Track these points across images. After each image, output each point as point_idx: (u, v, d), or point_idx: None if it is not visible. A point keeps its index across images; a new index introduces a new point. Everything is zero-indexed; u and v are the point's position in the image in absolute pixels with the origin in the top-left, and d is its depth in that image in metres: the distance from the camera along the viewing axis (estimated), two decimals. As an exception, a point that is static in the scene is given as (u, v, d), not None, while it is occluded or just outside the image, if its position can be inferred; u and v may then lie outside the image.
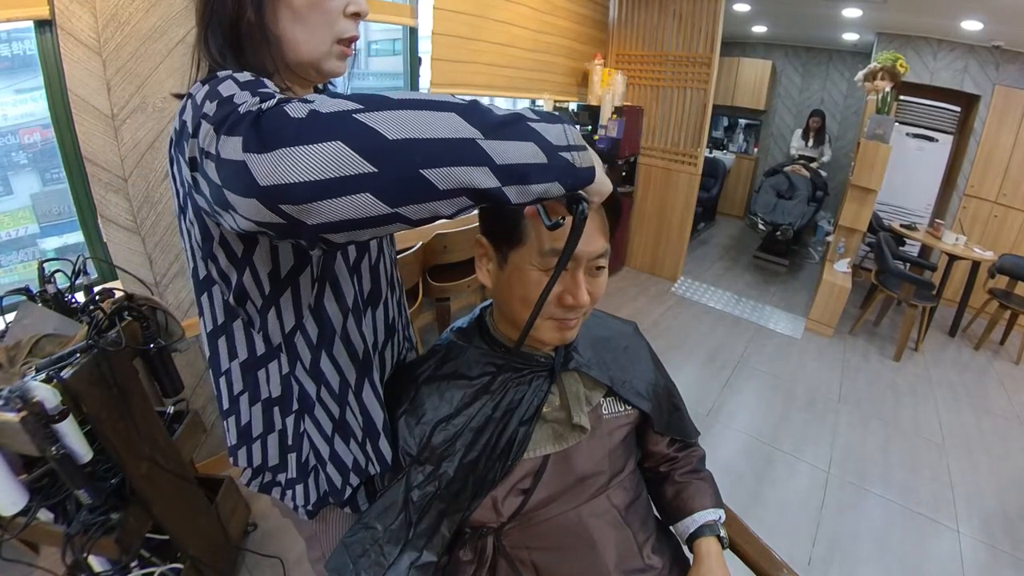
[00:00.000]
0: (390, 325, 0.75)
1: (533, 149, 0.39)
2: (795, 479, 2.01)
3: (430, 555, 0.65)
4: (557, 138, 0.41)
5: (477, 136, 0.36)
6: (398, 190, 0.35)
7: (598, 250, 0.65)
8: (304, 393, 0.65)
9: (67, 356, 0.89)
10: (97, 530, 0.96)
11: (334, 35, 0.58)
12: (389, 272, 0.73)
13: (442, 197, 0.36)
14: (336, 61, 0.60)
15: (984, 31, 3.37)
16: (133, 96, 1.31)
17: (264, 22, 0.55)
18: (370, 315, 0.69)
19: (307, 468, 0.68)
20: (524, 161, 0.38)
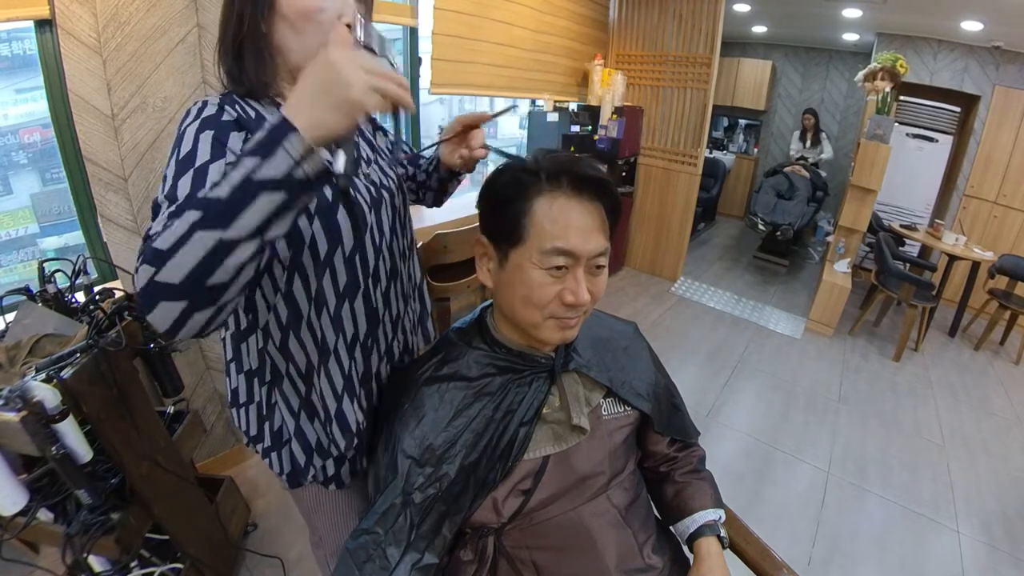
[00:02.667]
0: (375, 317, 0.76)
1: (266, 199, 0.45)
2: (795, 479, 2.01)
3: (432, 556, 0.65)
4: (279, 167, 0.44)
5: (220, 235, 0.44)
6: (207, 299, 0.47)
7: (598, 248, 0.65)
8: (275, 368, 0.72)
9: (67, 356, 0.89)
10: (97, 530, 0.96)
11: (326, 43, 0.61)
12: (373, 265, 0.73)
13: (235, 278, 0.47)
14: None
15: (984, 31, 3.38)
16: (133, 96, 1.31)
17: (264, 34, 0.62)
18: (347, 305, 0.71)
19: (280, 439, 0.75)
20: (265, 214, 0.45)
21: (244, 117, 0.63)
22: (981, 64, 3.70)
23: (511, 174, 0.67)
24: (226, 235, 0.44)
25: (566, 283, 0.64)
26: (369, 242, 0.72)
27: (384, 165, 0.80)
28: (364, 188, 0.72)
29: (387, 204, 0.76)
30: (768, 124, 5.83)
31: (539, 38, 3.03)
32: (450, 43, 2.45)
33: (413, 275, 0.88)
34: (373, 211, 0.72)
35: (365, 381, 0.76)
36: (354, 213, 0.68)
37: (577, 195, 0.65)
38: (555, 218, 0.63)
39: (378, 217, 0.73)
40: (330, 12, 0.62)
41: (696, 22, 3.33)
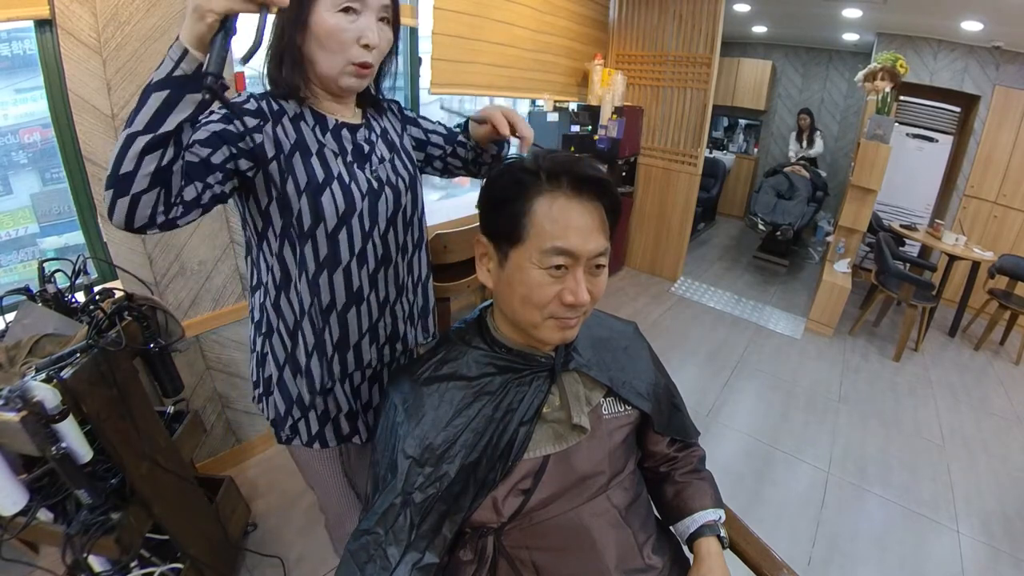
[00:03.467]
0: (355, 293, 0.84)
1: (155, 97, 0.55)
2: (795, 479, 2.01)
3: (432, 556, 0.65)
4: (164, 70, 0.56)
5: (127, 131, 0.55)
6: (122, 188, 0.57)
7: (597, 249, 0.65)
8: (269, 322, 0.85)
9: (67, 356, 0.89)
10: (97, 530, 0.96)
11: (347, 59, 0.73)
12: (359, 247, 0.81)
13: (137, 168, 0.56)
14: (350, 79, 0.76)
15: (984, 31, 3.38)
16: (133, 96, 1.31)
17: (298, 46, 0.73)
18: (326, 276, 0.81)
19: (269, 387, 0.88)
20: (154, 109, 0.55)
21: (268, 109, 0.75)
22: (981, 64, 3.70)
23: (511, 174, 0.67)
24: (131, 130, 0.55)
25: (566, 283, 0.64)
26: (357, 225, 0.80)
27: (399, 165, 0.88)
28: (364, 179, 0.81)
29: (388, 198, 0.84)
30: (768, 124, 5.83)
31: (539, 38, 3.03)
32: (450, 43, 2.45)
33: (416, 269, 0.95)
34: (367, 199, 0.81)
35: (340, 347, 0.86)
36: (343, 197, 0.78)
37: (577, 195, 0.65)
38: (555, 218, 0.63)
39: (372, 206, 0.82)
40: (351, 32, 0.72)
41: (696, 22, 3.33)
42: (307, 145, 0.77)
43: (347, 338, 0.86)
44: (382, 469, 0.71)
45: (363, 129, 0.85)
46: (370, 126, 0.87)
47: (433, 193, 2.97)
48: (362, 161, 0.82)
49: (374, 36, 0.73)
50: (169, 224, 0.62)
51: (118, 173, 0.56)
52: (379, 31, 0.75)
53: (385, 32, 0.77)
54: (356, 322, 0.86)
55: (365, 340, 0.88)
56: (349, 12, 0.71)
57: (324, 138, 0.79)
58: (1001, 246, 3.59)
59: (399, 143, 0.91)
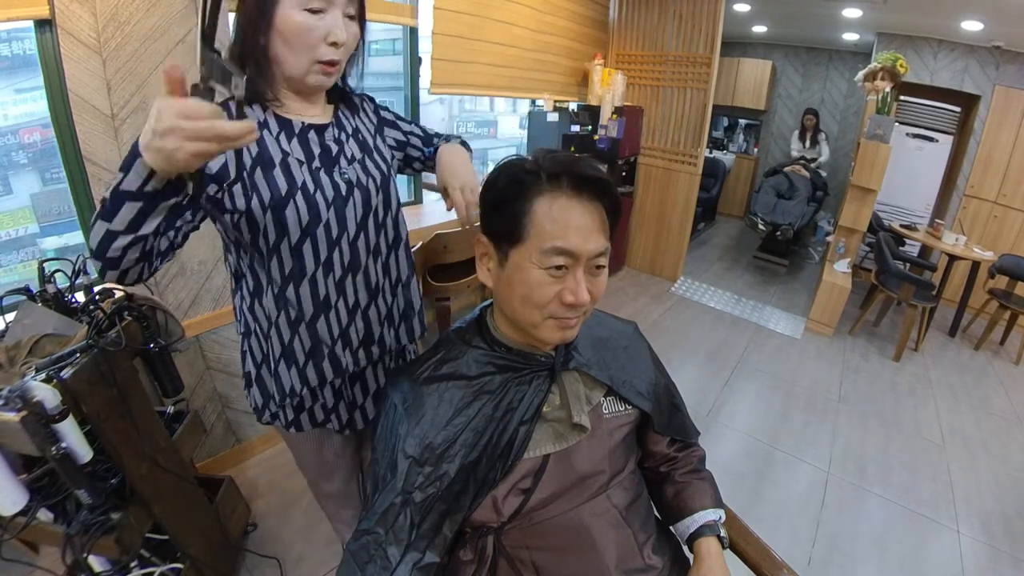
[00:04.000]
0: (322, 301, 0.84)
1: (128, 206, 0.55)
2: (795, 479, 2.01)
3: (432, 556, 0.65)
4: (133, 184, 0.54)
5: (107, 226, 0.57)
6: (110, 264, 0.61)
7: (597, 249, 0.65)
8: (247, 324, 0.88)
9: (67, 356, 0.89)
10: (97, 530, 0.96)
11: (313, 57, 0.72)
12: (325, 256, 0.81)
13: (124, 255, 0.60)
14: (318, 76, 0.75)
15: (984, 31, 3.38)
16: (133, 96, 1.31)
17: (263, 47, 0.72)
18: (291, 290, 0.82)
19: (249, 381, 0.91)
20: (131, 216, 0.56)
21: None
22: (981, 64, 3.70)
23: (511, 174, 0.67)
24: (111, 227, 0.57)
25: (566, 283, 0.64)
26: (323, 235, 0.80)
27: (370, 165, 0.86)
28: (330, 186, 0.79)
29: (357, 202, 0.82)
30: (768, 124, 5.83)
31: (539, 38, 3.03)
32: (450, 43, 2.45)
33: (393, 271, 0.94)
34: (332, 208, 0.79)
35: (314, 355, 0.86)
36: (307, 209, 0.77)
37: (577, 195, 0.65)
38: (555, 218, 0.63)
39: (339, 214, 0.80)
40: (318, 31, 0.71)
41: (696, 22, 3.33)
42: (270, 157, 0.75)
43: (319, 346, 0.86)
44: (382, 469, 0.71)
45: (331, 128, 0.83)
46: (340, 124, 0.85)
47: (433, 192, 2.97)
48: (330, 164, 0.80)
49: (342, 33, 0.72)
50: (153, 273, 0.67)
51: (104, 256, 0.59)
52: (346, 27, 0.73)
53: (352, 28, 0.75)
54: (326, 330, 0.85)
55: (338, 346, 0.87)
56: (315, 12, 0.70)
57: (289, 145, 0.77)
58: (1001, 246, 3.59)
59: (372, 142, 0.89)
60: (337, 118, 0.85)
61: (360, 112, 0.91)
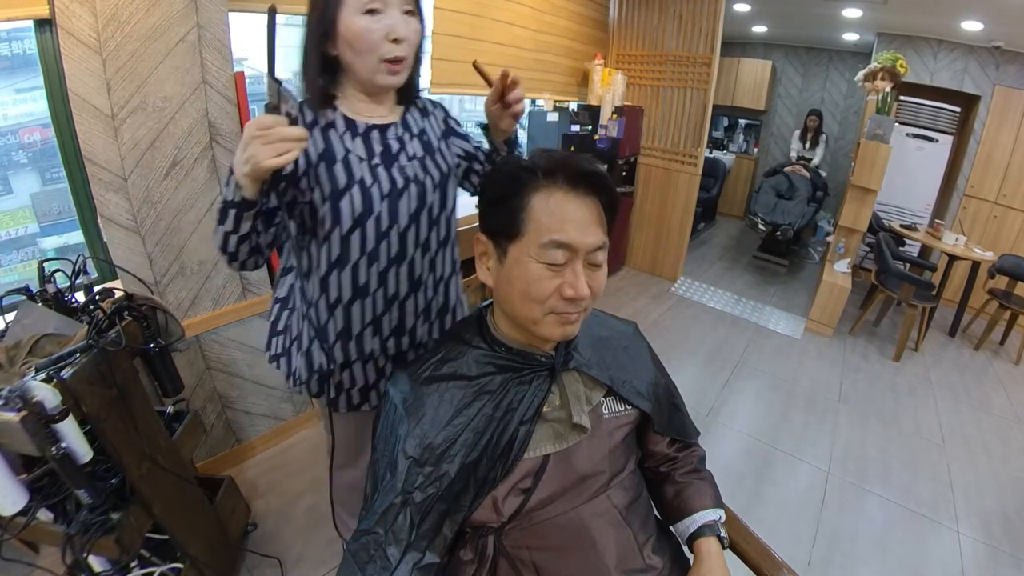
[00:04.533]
0: (360, 288, 0.89)
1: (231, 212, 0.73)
2: (795, 479, 2.01)
3: (432, 556, 0.65)
4: (230, 194, 0.72)
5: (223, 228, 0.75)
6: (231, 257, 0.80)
7: (595, 242, 0.65)
8: (292, 299, 0.96)
9: (67, 356, 0.89)
10: (97, 530, 0.95)
11: (379, 57, 0.78)
12: (372, 247, 0.86)
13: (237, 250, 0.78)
14: (385, 76, 0.80)
15: (984, 31, 3.38)
16: (133, 96, 1.31)
17: (333, 57, 0.80)
18: (335, 275, 0.88)
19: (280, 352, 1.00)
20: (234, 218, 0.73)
21: (305, 123, 0.82)
22: (981, 64, 3.70)
23: (508, 171, 0.68)
24: (224, 228, 0.74)
25: (565, 277, 0.65)
26: (372, 226, 0.85)
27: (431, 164, 0.91)
28: (387, 180, 0.85)
29: (412, 196, 0.87)
30: (768, 124, 5.83)
31: (539, 38, 3.03)
32: (450, 43, 2.44)
33: (439, 267, 0.99)
34: (386, 200, 0.85)
35: (342, 337, 0.92)
36: (361, 200, 0.83)
37: (574, 190, 0.65)
38: (552, 212, 0.64)
39: (392, 206, 0.86)
40: (378, 30, 0.76)
41: (696, 22, 3.33)
42: (333, 153, 0.83)
43: (349, 328, 0.92)
44: (382, 469, 0.71)
45: (395, 127, 0.89)
46: (406, 125, 0.91)
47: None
48: (390, 160, 0.86)
49: (403, 29, 0.77)
50: (265, 262, 0.85)
51: (227, 252, 0.78)
52: (406, 24, 0.78)
53: (412, 24, 0.80)
54: (359, 314, 0.91)
55: (368, 331, 0.93)
56: (374, 13, 0.75)
57: (352, 143, 0.84)
58: (1001, 246, 3.59)
59: (435, 144, 0.94)
60: (404, 119, 0.92)
61: (430, 116, 0.97)
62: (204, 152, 1.48)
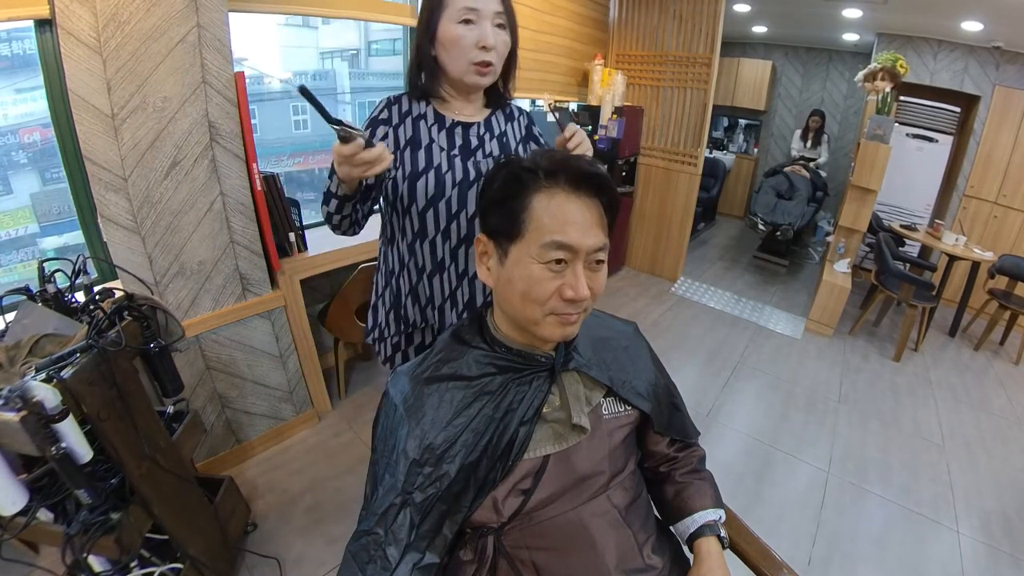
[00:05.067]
0: (439, 262, 1.01)
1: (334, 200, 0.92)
2: (795, 479, 2.01)
3: (432, 556, 0.65)
4: (333, 187, 0.90)
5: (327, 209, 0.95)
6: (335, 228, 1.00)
7: (596, 243, 0.65)
8: (386, 265, 1.10)
9: (67, 356, 0.89)
10: (97, 530, 0.96)
11: (469, 60, 0.91)
12: (444, 225, 0.98)
13: (340, 223, 0.98)
14: (474, 76, 0.93)
15: (984, 32, 3.37)
16: (133, 96, 1.31)
17: (433, 56, 0.94)
18: (418, 245, 1.01)
19: (373, 307, 1.16)
20: (337, 203, 0.92)
21: (398, 112, 0.99)
22: (981, 64, 3.70)
23: (509, 172, 0.68)
24: (328, 208, 0.93)
25: (565, 278, 0.65)
26: (444, 207, 0.97)
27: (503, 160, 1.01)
28: (460, 170, 0.97)
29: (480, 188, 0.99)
30: (768, 124, 5.83)
31: (539, 38, 3.03)
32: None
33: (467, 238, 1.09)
34: (457, 188, 0.97)
35: (431, 302, 1.05)
36: (435, 184, 0.96)
37: (575, 191, 0.65)
38: (553, 213, 0.64)
39: (462, 194, 0.97)
40: (470, 38, 0.89)
41: (696, 22, 3.33)
42: (419, 140, 0.97)
43: (434, 298, 1.05)
44: (382, 469, 0.71)
45: (477, 126, 1.01)
46: (489, 126, 1.03)
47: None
48: (468, 154, 0.99)
49: (491, 38, 0.89)
50: (360, 229, 1.01)
51: (332, 224, 0.97)
52: (495, 35, 0.90)
53: (501, 35, 0.92)
54: (439, 287, 1.04)
55: (447, 304, 1.05)
56: (468, 23, 0.88)
57: (438, 135, 0.98)
58: (1001, 246, 3.59)
59: (512, 147, 1.06)
60: (488, 120, 1.03)
61: (514, 122, 1.08)
62: (204, 152, 1.48)
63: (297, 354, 1.93)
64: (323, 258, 1.94)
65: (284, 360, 1.88)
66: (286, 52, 2.94)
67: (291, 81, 2.89)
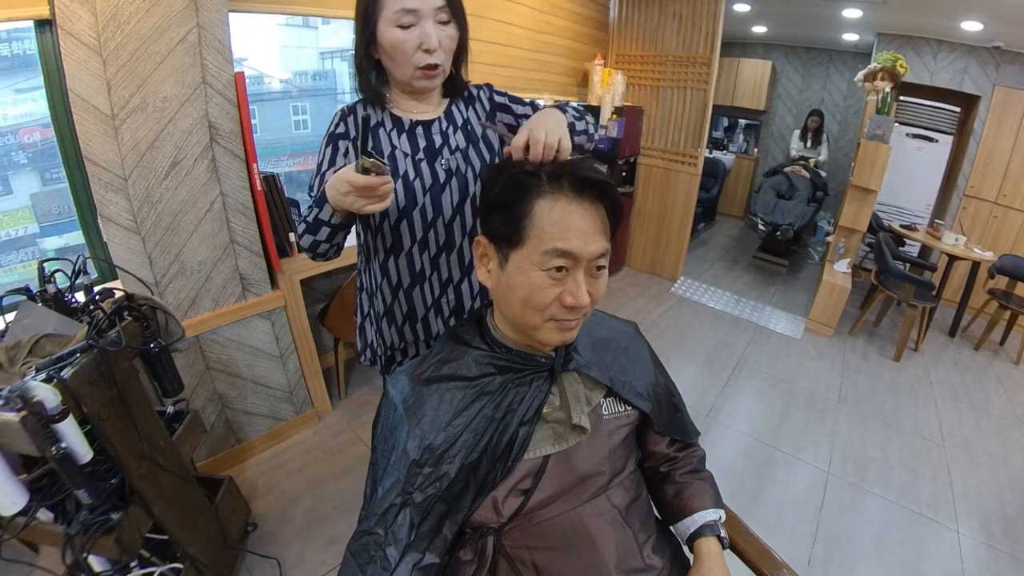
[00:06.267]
0: (418, 273, 0.96)
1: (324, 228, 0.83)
2: (795, 479, 2.01)
3: (432, 556, 0.65)
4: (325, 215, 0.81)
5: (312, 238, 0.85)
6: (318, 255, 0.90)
7: (598, 250, 0.65)
8: (363, 282, 1.06)
9: (67, 356, 0.89)
10: (97, 530, 0.96)
11: (414, 64, 0.84)
12: (421, 235, 0.92)
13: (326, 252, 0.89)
14: (421, 81, 0.87)
15: (984, 32, 3.37)
16: (133, 96, 1.31)
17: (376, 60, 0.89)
18: (391, 262, 0.96)
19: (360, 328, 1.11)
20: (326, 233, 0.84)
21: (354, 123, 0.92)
22: (981, 64, 3.70)
23: (511, 176, 0.67)
24: (315, 238, 0.84)
25: (566, 285, 0.64)
26: (418, 216, 0.91)
27: (473, 154, 0.95)
28: (429, 175, 0.91)
29: (453, 189, 0.92)
30: (768, 124, 5.83)
31: (539, 38, 3.03)
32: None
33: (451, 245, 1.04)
34: (429, 194, 0.91)
35: (410, 319, 1.01)
36: (404, 194, 0.89)
37: (578, 197, 0.65)
38: (556, 219, 0.63)
39: (435, 199, 0.91)
40: (411, 42, 0.82)
41: (696, 22, 3.33)
42: (381, 150, 0.91)
43: (415, 312, 1.00)
44: (381, 469, 0.71)
45: (438, 122, 0.95)
46: (450, 117, 0.96)
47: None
48: (433, 155, 0.92)
49: (433, 40, 0.82)
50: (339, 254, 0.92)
51: (316, 253, 0.87)
52: (438, 32, 0.83)
53: (447, 31, 0.85)
54: (420, 299, 0.99)
55: (431, 313, 1.00)
56: (405, 27, 0.81)
57: (399, 140, 0.92)
58: (1001, 246, 3.59)
59: (480, 132, 0.98)
60: (448, 111, 0.96)
61: (476, 102, 1.00)
62: (204, 152, 1.48)
63: (297, 354, 1.93)
64: (323, 258, 1.94)
65: (284, 360, 1.88)
66: (286, 52, 2.94)
67: (291, 81, 2.89)
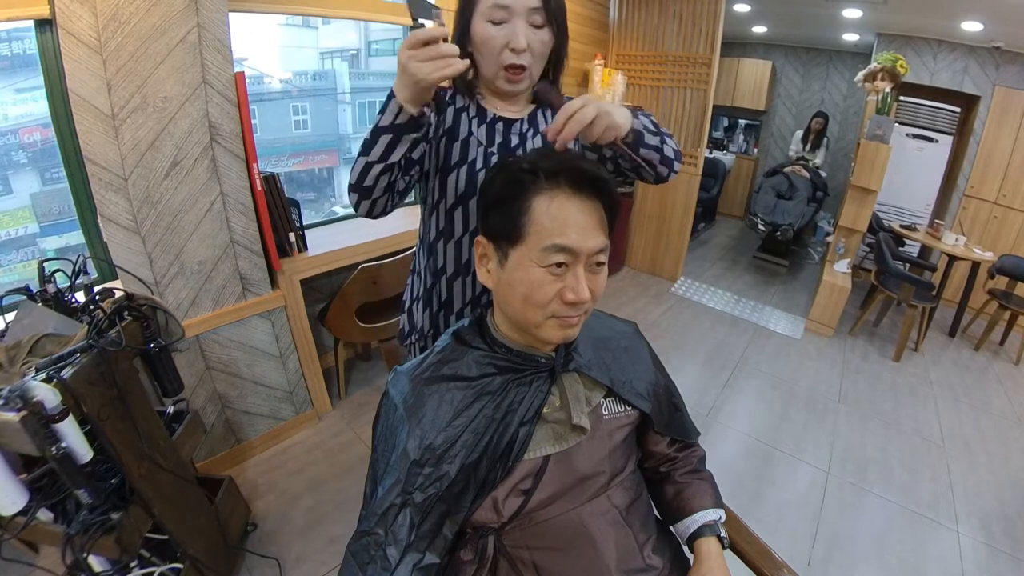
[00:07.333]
0: (463, 264, 0.95)
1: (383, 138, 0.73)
2: (795, 479, 2.01)
3: (432, 556, 0.65)
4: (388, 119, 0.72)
5: (365, 159, 0.75)
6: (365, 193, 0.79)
7: (597, 246, 0.65)
8: (415, 262, 1.06)
9: (67, 356, 0.89)
10: (97, 530, 0.96)
11: (499, 63, 0.83)
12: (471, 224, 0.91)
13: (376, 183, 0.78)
14: (503, 83, 0.86)
15: (984, 32, 3.37)
16: (134, 95, 1.31)
17: (470, 51, 0.86)
18: (441, 244, 0.95)
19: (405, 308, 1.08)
20: (384, 147, 0.74)
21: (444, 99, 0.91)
22: (981, 64, 3.70)
23: (509, 174, 0.67)
24: (368, 159, 0.75)
25: (566, 281, 0.64)
26: (474, 207, 0.89)
27: None
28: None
29: None
30: (768, 124, 5.83)
31: (539, 38, 3.02)
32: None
33: None
34: None
35: (446, 308, 0.99)
36: (466, 180, 0.89)
37: (576, 193, 0.65)
38: (554, 215, 0.64)
39: None
40: (499, 39, 0.81)
41: (696, 22, 3.33)
42: (457, 132, 0.90)
43: (452, 303, 0.98)
44: (382, 469, 0.71)
45: (520, 123, 0.93)
46: (533, 121, 0.94)
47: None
48: (506, 152, 0.91)
49: (522, 40, 0.80)
50: (391, 210, 0.84)
51: (362, 186, 0.77)
52: (529, 34, 0.81)
53: (540, 35, 0.83)
54: (460, 290, 0.97)
55: (468, 309, 0.99)
56: (497, 23, 0.81)
57: (477, 129, 0.91)
58: (1001, 246, 3.59)
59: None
60: (532, 116, 0.95)
61: None
62: (204, 152, 1.48)
63: (297, 354, 1.93)
64: (323, 258, 1.94)
65: (284, 360, 1.88)
66: (286, 52, 2.94)
67: (291, 81, 2.89)
